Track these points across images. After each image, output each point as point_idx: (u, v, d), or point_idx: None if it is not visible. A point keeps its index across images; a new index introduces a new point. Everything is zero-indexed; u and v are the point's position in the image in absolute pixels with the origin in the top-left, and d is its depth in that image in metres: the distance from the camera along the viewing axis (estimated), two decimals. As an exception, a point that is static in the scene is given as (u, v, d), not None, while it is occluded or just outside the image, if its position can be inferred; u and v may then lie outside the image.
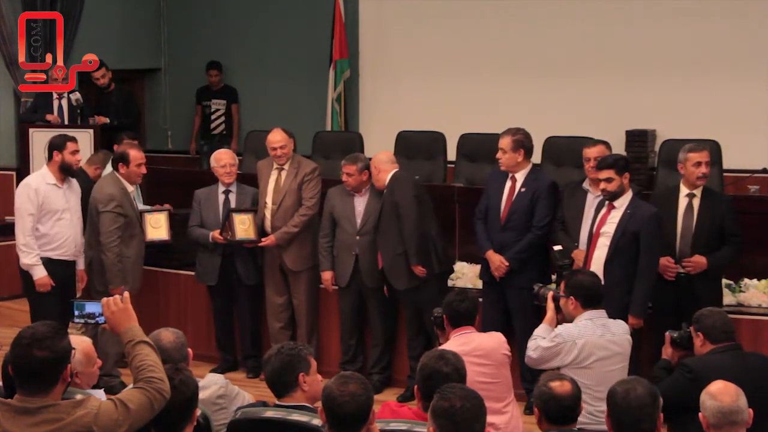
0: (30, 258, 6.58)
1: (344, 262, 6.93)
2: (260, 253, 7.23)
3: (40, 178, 6.67)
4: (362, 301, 6.98)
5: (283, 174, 7.11)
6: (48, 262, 6.63)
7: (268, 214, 7.12)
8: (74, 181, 6.77)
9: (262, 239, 7.06)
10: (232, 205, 7.18)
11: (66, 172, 6.64)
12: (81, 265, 6.86)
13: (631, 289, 5.86)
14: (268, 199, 7.12)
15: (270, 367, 3.91)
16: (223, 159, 7.24)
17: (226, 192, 7.26)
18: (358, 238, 6.86)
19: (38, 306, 6.62)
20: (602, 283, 5.35)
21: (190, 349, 4.18)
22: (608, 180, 5.90)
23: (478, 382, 4.97)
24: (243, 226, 7.05)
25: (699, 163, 6.06)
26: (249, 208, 7.16)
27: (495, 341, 5.12)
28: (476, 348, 5.05)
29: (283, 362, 3.86)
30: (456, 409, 3.29)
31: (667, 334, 4.93)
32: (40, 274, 6.58)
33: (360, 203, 6.91)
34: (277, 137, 7.08)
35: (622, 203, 5.94)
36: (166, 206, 7.36)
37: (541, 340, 5.08)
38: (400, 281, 6.65)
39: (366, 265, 6.85)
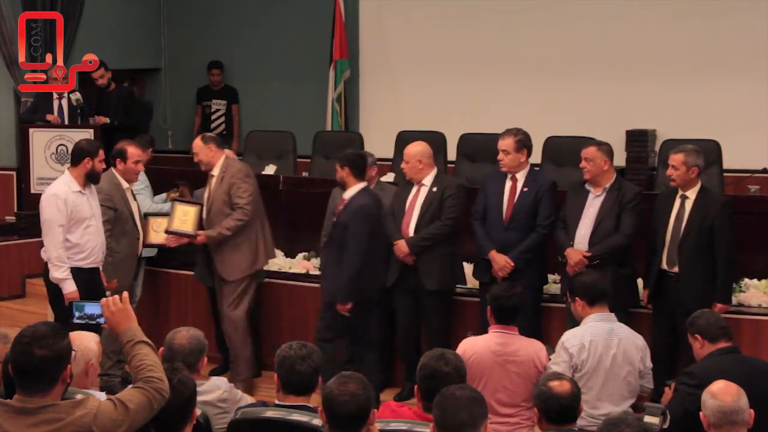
0: (61, 272, 6.33)
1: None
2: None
3: (66, 187, 6.38)
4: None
5: (213, 180, 6.83)
6: (78, 271, 6.39)
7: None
8: (94, 187, 6.54)
9: (198, 234, 6.83)
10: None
11: (92, 179, 6.44)
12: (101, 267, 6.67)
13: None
14: (206, 206, 6.91)
15: (302, 371, 3.92)
16: None
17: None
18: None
19: (65, 315, 6.44)
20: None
21: (206, 358, 4.19)
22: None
23: (500, 384, 5.00)
24: (183, 218, 6.84)
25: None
26: (194, 201, 6.97)
27: (533, 352, 5.11)
28: (513, 352, 5.07)
29: (314, 367, 3.93)
30: (455, 412, 3.29)
31: (672, 384, 4.73)
32: (70, 288, 6.32)
33: (359, 203, 6.87)
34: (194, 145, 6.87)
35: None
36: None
37: (554, 366, 5.07)
38: (431, 281, 6.55)
39: (363, 265, 6.83)
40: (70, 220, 6.34)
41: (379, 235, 6.40)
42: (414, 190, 6.67)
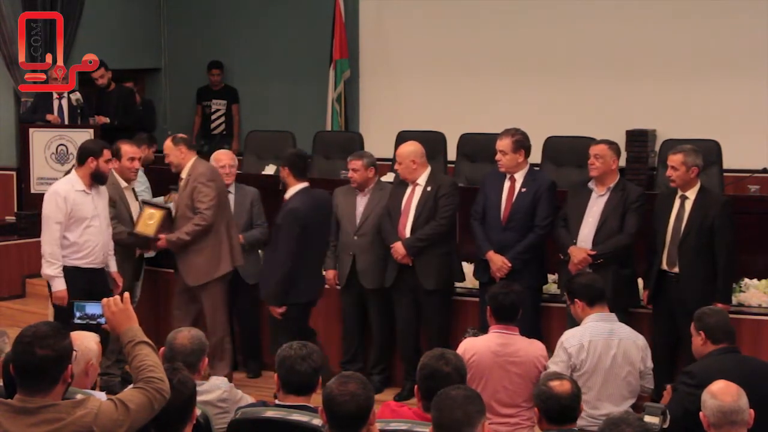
0: (52, 269, 6.32)
1: (343, 263, 6.89)
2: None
3: (69, 185, 6.37)
4: (363, 301, 6.96)
5: (182, 183, 6.78)
6: (75, 270, 6.36)
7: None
8: (102, 187, 6.52)
9: (159, 238, 6.76)
10: (232, 206, 7.13)
11: (98, 179, 6.41)
12: (114, 267, 6.65)
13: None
14: (173, 209, 6.87)
15: (302, 371, 3.93)
16: (222, 159, 7.18)
17: (226, 193, 7.19)
18: (355, 238, 6.81)
19: (64, 314, 6.42)
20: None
21: (206, 358, 4.20)
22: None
23: (500, 385, 5.00)
24: (149, 221, 6.77)
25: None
26: (161, 205, 6.92)
27: (534, 352, 5.10)
28: (513, 353, 5.06)
29: (314, 367, 3.94)
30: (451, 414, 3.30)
31: (669, 386, 4.75)
32: (59, 286, 6.32)
33: (361, 203, 6.87)
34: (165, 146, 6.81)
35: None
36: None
37: (552, 365, 5.07)
38: (430, 280, 6.56)
39: (363, 265, 6.80)
40: (70, 218, 6.33)
41: (315, 239, 6.39)
42: (409, 190, 6.68)
